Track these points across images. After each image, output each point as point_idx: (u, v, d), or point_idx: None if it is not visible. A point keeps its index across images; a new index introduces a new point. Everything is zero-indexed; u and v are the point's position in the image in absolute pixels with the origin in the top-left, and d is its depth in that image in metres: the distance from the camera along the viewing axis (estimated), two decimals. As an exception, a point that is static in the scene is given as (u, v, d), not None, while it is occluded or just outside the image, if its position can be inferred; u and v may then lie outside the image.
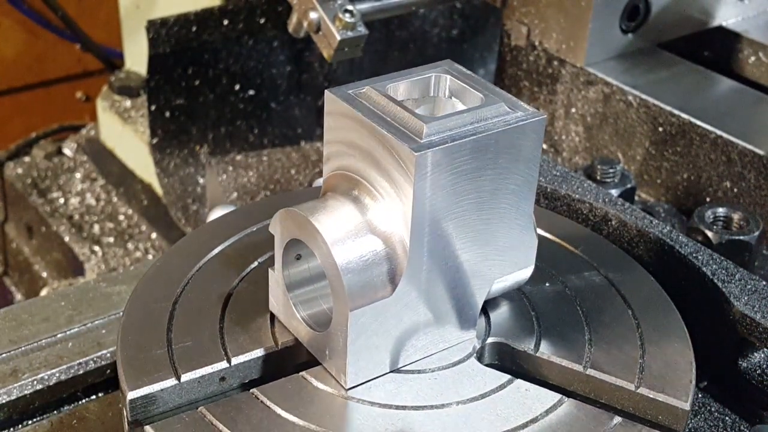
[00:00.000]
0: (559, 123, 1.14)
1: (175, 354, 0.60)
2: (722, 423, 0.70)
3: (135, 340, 0.61)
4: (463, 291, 0.61)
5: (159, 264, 0.69)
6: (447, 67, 0.63)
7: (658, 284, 0.70)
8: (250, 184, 1.40)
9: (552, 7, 1.09)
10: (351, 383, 0.59)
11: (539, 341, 0.64)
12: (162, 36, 1.29)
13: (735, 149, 0.97)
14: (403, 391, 0.59)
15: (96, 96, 1.66)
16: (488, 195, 0.59)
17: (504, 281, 0.64)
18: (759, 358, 0.73)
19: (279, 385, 0.59)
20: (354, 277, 0.56)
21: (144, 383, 0.58)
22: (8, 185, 1.66)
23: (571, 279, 0.69)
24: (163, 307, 0.64)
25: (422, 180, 0.55)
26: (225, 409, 0.57)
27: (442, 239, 0.58)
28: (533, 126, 0.59)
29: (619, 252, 0.74)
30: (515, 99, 0.60)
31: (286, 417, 0.57)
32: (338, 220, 0.57)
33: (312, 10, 1.02)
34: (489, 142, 0.57)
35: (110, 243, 1.50)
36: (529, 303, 0.67)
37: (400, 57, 1.47)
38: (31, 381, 0.70)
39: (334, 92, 0.59)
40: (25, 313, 0.77)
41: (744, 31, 1.16)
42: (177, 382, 0.58)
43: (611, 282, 0.69)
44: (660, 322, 0.66)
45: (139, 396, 0.57)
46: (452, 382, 0.60)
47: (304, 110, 1.46)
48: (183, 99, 1.35)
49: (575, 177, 0.84)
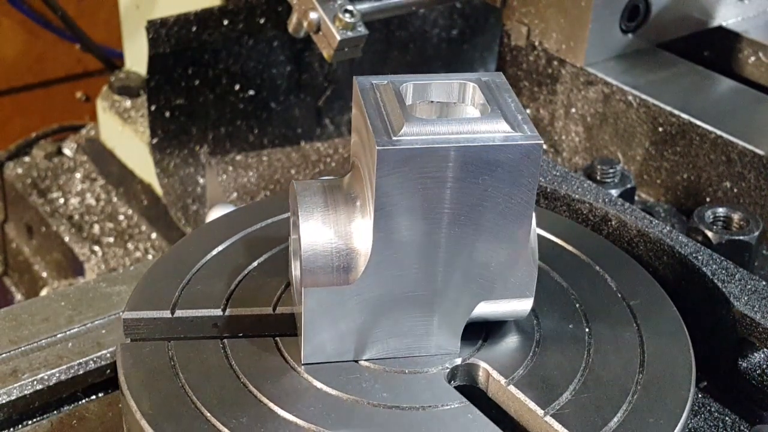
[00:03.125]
0: (559, 123, 1.14)
1: (182, 295, 0.65)
2: (722, 423, 0.70)
3: (154, 278, 0.67)
4: (440, 303, 0.60)
5: (193, 236, 0.73)
6: (488, 78, 0.61)
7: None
8: (250, 184, 1.40)
9: (552, 7, 1.09)
10: (306, 360, 0.61)
11: (519, 374, 0.61)
12: (162, 36, 1.29)
13: (735, 149, 0.97)
14: (351, 380, 0.60)
15: (96, 96, 1.66)
16: (468, 210, 0.57)
17: (495, 306, 0.62)
18: (759, 358, 0.73)
19: (248, 342, 0.62)
20: (314, 256, 0.58)
21: (141, 308, 0.63)
22: (8, 185, 1.66)
23: (585, 296, 0.67)
24: (190, 259, 0.68)
25: (385, 176, 0.55)
26: (189, 348, 0.61)
27: (411, 243, 0.58)
28: (525, 149, 0.56)
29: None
30: (527, 123, 0.57)
31: (231, 368, 0.60)
32: (321, 202, 0.59)
33: (312, 10, 1.02)
34: (468, 155, 0.55)
35: (110, 243, 1.50)
36: (537, 336, 0.64)
37: (400, 57, 1.48)
38: (31, 381, 0.70)
39: (358, 80, 0.60)
40: (25, 313, 0.77)
41: (744, 31, 1.16)
42: (170, 316, 0.63)
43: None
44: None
45: (132, 318, 0.62)
46: (404, 388, 0.60)
47: (304, 110, 1.46)
48: (183, 99, 1.35)
49: (575, 177, 0.84)
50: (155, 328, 0.63)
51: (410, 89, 0.61)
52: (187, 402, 0.58)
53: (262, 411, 0.58)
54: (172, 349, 0.62)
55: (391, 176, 0.55)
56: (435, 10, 1.47)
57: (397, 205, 0.56)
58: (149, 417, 0.57)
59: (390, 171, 0.55)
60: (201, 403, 0.58)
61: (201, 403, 0.58)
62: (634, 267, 0.72)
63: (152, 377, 0.60)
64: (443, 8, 1.47)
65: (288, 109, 1.44)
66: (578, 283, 0.69)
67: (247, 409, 0.58)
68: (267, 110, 1.43)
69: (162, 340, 0.62)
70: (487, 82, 0.61)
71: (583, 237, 0.75)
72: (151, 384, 0.59)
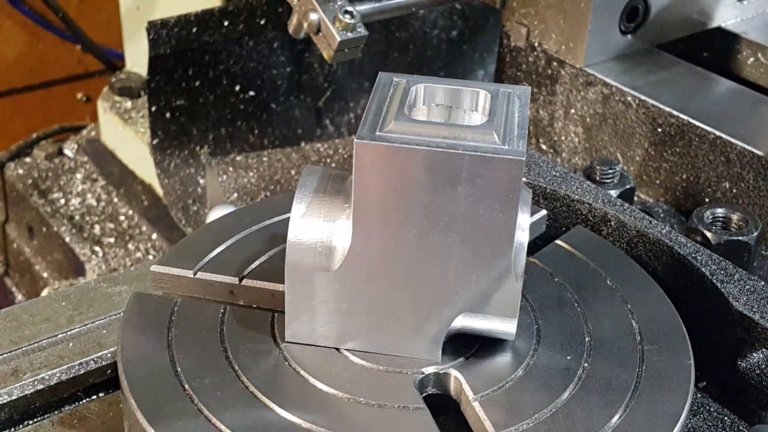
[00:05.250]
0: (558, 124, 1.14)
1: (211, 260, 0.68)
2: (721, 423, 0.70)
3: (193, 240, 0.71)
4: (418, 307, 0.60)
5: (246, 209, 0.76)
6: (511, 90, 0.60)
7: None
8: (250, 185, 1.40)
9: (551, 8, 1.10)
10: (288, 338, 0.62)
11: (489, 394, 0.60)
12: (162, 37, 1.30)
13: (734, 150, 0.97)
14: (323, 364, 0.61)
15: (97, 97, 1.66)
16: (445, 218, 0.56)
17: (476, 321, 0.61)
18: (758, 358, 0.73)
19: (248, 312, 0.65)
20: (299, 238, 0.59)
21: (169, 264, 0.67)
22: (9, 186, 1.66)
23: (598, 328, 0.65)
24: (231, 229, 0.71)
25: (362, 169, 0.55)
26: (191, 307, 0.65)
27: (387, 242, 0.58)
28: (504, 163, 0.54)
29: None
30: (521, 140, 0.55)
31: (220, 333, 0.62)
32: (319, 188, 0.61)
33: (312, 12, 1.02)
34: (437, 159, 0.54)
35: (111, 243, 1.50)
36: (529, 360, 0.62)
37: (400, 58, 1.48)
38: (32, 381, 0.70)
39: (381, 75, 0.61)
40: (26, 314, 0.77)
41: (743, 32, 1.17)
42: (192, 276, 0.66)
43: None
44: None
45: (159, 272, 0.67)
46: (369, 382, 0.60)
47: (304, 111, 1.46)
48: (183, 100, 1.35)
49: (574, 178, 0.84)
50: (177, 285, 0.67)
51: (422, 91, 0.61)
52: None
53: (228, 376, 0.60)
54: (177, 305, 0.65)
55: (369, 171, 0.55)
56: (435, 11, 1.47)
57: (376, 202, 0.57)
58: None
59: (366, 165, 0.55)
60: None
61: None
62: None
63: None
64: (443, 9, 1.47)
65: (288, 110, 1.45)
66: (597, 313, 0.66)
67: (213, 372, 0.60)
68: (267, 111, 1.43)
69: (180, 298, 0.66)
70: (506, 93, 0.60)
71: (619, 263, 0.72)
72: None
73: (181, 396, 0.59)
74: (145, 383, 0.60)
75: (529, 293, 0.67)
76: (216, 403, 0.58)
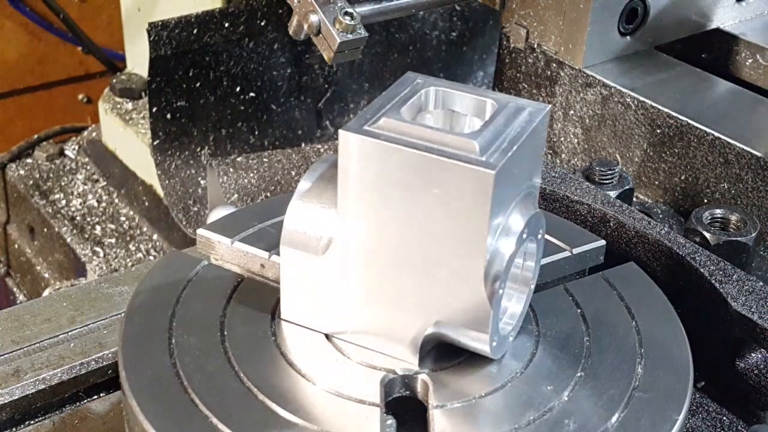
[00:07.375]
0: (557, 125, 1.14)
1: (253, 233, 0.70)
2: (720, 423, 0.70)
3: (243, 214, 0.73)
4: (397, 307, 0.60)
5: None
6: (526, 104, 0.59)
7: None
8: (250, 186, 1.41)
9: (551, 9, 1.10)
10: (283, 315, 0.64)
11: (452, 405, 0.58)
12: (163, 38, 1.30)
13: (732, 151, 0.98)
14: (302, 345, 0.62)
15: (98, 98, 1.66)
16: (421, 220, 0.56)
17: (450, 331, 0.59)
18: (756, 359, 0.73)
19: (260, 284, 0.68)
20: (295, 218, 0.61)
21: (212, 230, 0.70)
22: (10, 186, 1.66)
23: (597, 352, 0.63)
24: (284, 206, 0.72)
25: (347, 162, 0.56)
26: (218, 273, 0.69)
27: (369, 234, 0.58)
28: (472, 174, 0.53)
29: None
30: (505, 154, 0.54)
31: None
32: (326, 174, 0.62)
33: (312, 13, 1.02)
34: (418, 163, 0.54)
35: (112, 244, 1.51)
36: (508, 380, 0.61)
37: (400, 59, 1.48)
38: (33, 381, 0.71)
39: (409, 75, 0.62)
40: (28, 314, 0.77)
41: (741, 33, 1.17)
42: (229, 244, 0.69)
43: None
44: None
45: (201, 235, 0.71)
46: (337, 372, 0.61)
47: (305, 112, 1.46)
48: (184, 101, 1.36)
49: (574, 178, 0.84)
50: (216, 250, 0.70)
51: (433, 95, 0.61)
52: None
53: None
54: (211, 269, 0.69)
55: (351, 162, 0.56)
56: (434, 12, 1.48)
57: (356, 194, 0.57)
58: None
59: (349, 156, 0.56)
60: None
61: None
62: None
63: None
64: (443, 11, 1.48)
65: (288, 111, 1.45)
66: (601, 336, 0.65)
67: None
68: (268, 112, 1.43)
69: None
70: (517, 106, 0.59)
71: (652, 303, 0.69)
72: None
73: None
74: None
75: (542, 320, 0.65)
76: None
